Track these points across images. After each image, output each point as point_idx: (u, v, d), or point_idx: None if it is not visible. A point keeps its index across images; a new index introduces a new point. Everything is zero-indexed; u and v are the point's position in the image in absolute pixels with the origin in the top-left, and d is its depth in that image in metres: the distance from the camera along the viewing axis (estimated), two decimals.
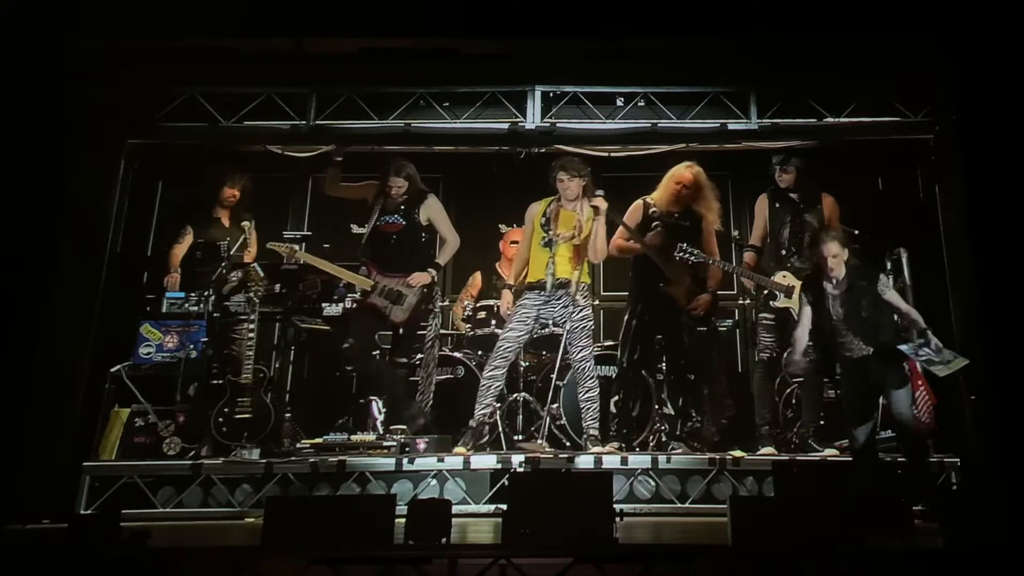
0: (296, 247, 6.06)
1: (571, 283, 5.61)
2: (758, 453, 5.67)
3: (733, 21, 5.67)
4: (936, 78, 5.91)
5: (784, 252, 5.99)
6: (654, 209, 6.00)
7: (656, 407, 6.07)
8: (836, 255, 4.88)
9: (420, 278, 5.95)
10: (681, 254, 5.70)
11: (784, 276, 5.89)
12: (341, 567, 3.37)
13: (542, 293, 5.67)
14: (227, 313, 6.11)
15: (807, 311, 5.01)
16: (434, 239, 6.29)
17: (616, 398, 6.00)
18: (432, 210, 6.13)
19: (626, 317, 6.04)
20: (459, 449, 5.50)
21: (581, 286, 5.66)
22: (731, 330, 7.32)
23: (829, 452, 5.62)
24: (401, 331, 6.06)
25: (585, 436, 5.63)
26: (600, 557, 3.40)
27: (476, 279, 7.08)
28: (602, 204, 5.66)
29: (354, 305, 6.09)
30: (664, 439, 5.88)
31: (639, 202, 6.08)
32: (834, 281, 4.92)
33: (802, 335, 5.01)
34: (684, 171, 5.99)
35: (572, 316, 5.58)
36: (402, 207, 6.07)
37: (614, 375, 6.10)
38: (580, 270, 5.67)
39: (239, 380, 5.72)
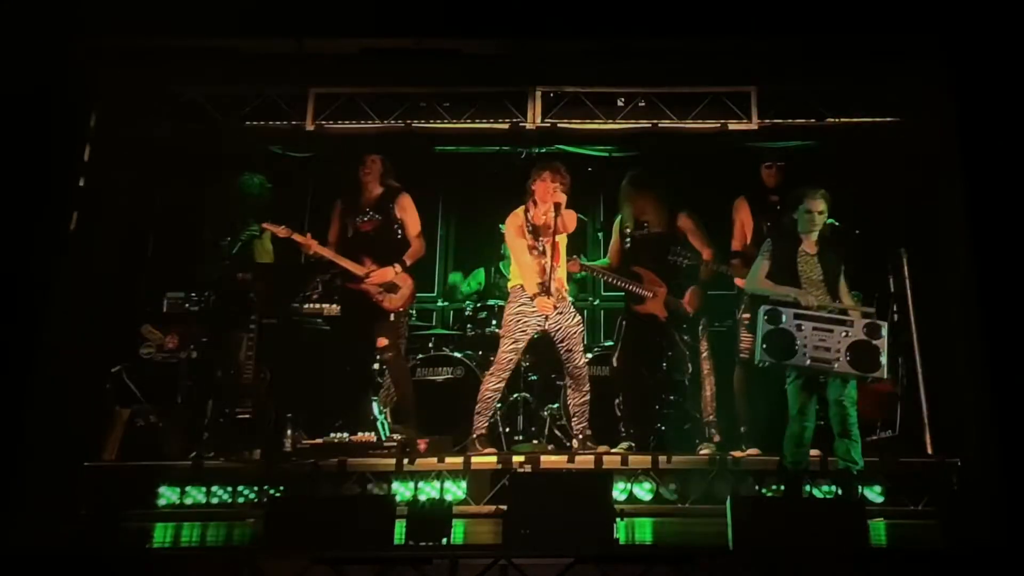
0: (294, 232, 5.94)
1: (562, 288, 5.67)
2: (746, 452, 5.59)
3: (733, 21, 5.67)
4: (936, 78, 5.90)
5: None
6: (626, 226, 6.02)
7: (656, 407, 6.07)
8: (822, 211, 4.92)
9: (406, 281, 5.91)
10: (672, 258, 5.73)
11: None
12: (341, 567, 3.38)
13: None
14: (227, 313, 6.10)
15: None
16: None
17: (618, 400, 6.00)
18: (405, 208, 6.05)
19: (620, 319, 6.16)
20: (489, 449, 5.52)
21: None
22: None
23: (752, 451, 5.50)
24: (392, 317, 5.95)
25: (582, 438, 5.61)
26: (600, 557, 3.40)
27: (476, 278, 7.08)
28: (562, 198, 5.55)
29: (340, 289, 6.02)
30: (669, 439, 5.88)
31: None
32: (814, 239, 4.91)
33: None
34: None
35: (568, 322, 5.62)
36: (375, 204, 6.01)
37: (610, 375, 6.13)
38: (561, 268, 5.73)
39: (239, 380, 5.72)
